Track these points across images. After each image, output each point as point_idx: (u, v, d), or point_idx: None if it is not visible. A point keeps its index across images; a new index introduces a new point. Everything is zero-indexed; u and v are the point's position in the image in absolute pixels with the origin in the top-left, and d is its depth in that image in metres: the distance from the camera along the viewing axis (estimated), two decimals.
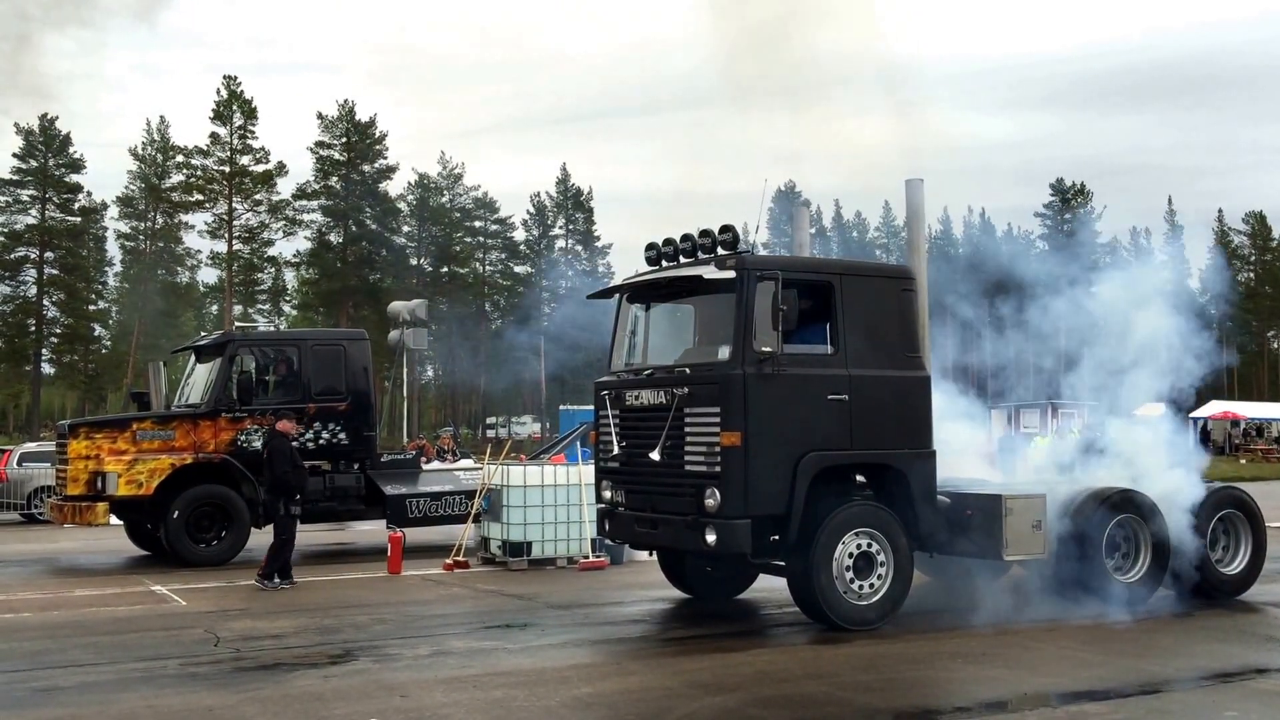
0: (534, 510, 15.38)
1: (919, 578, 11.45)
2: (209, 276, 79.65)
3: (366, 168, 77.64)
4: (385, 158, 78.15)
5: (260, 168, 73.35)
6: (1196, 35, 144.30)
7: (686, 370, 10.72)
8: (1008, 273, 15.87)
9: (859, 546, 10.43)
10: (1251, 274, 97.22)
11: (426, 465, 18.90)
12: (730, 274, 10.34)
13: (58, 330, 74.57)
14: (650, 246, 11.69)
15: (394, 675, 8.75)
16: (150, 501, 16.17)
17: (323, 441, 17.11)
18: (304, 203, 76.33)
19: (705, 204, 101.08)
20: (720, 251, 10.90)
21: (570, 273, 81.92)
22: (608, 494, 11.69)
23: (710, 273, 10.52)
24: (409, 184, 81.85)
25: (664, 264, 11.54)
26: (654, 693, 8.20)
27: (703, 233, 11.08)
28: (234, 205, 73.20)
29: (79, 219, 74.73)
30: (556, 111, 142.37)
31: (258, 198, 74.11)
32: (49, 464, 21.61)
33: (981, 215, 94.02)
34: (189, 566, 15.72)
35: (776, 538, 10.30)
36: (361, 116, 77.28)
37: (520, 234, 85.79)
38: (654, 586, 13.02)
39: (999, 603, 11.33)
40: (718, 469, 10.10)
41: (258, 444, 16.06)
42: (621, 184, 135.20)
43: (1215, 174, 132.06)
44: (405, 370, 30.82)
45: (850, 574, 10.39)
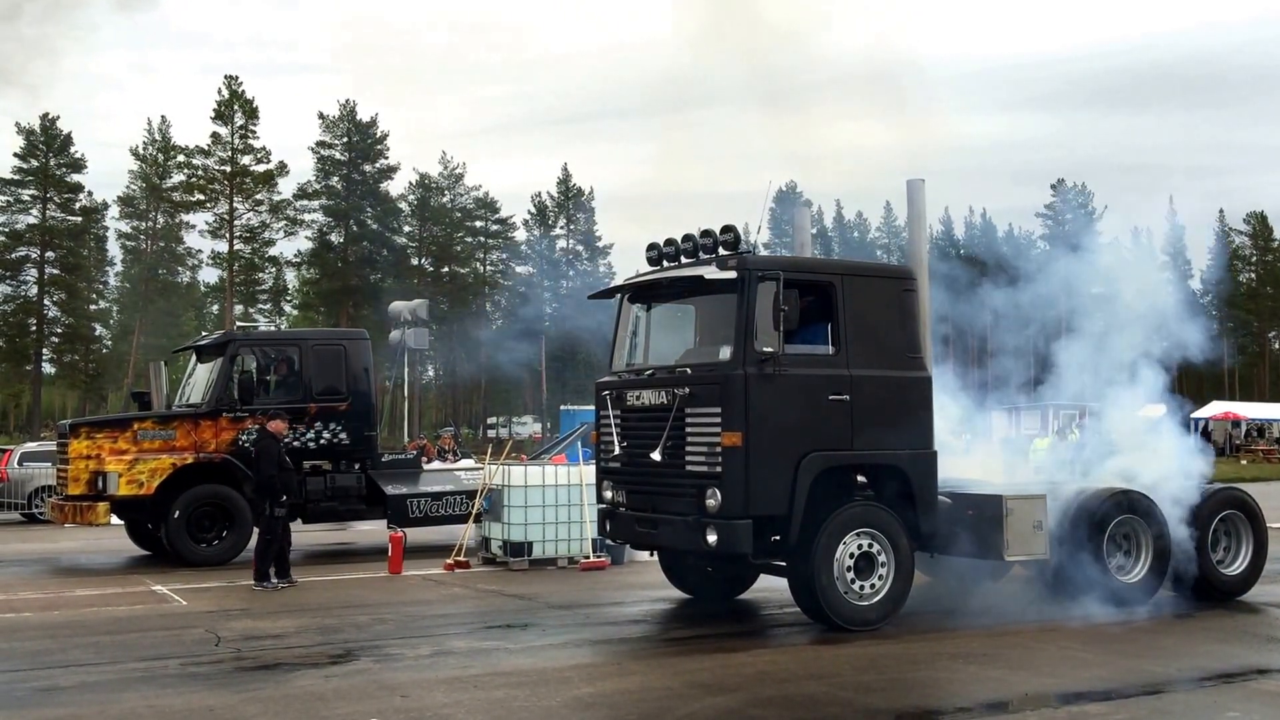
0: (535, 510, 15.38)
1: (920, 578, 11.43)
2: (210, 276, 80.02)
3: (367, 167, 77.75)
4: (386, 157, 78.42)
5: (261, 167, 73.54)
6: (1196, 35, 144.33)
7: (688, 370, 10.71)
8: (1006, 263, 15.85)
9: (860, 547, 10.42)
10: (1253, 274, 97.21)
11: (427, 465, 18.89)
12: (731, 274, 10.33)
13: (58, 330, 74.61)
14: (651, 247, 11.67)
15: (395, 675, 8.74)
16: (151, 501, 16.17)
17: (324, 441, 17.11)
18: (305, 202, 76.60)
19: (706, 204, 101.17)
20: (721, 252, 10.89)
21: (571, 273, 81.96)
22: (609, 494, 11.68)
23: (711, 273, 10.50)
24: (410, 184, 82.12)
25: (665, 264, 11.52)
26: (655, 693, 8.19)
27: (704, 233, 11.07)
28: (235, 205, 73.32)
29: (80, 219, 74.85)
30: (557, 112, 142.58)
31: (259, 197, 74.24)
32: (50, 464, 21.58)
33: (983, 215, 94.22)
34: (190, 566, 15.72)
35: (777, 538, 10.30)
36: (363, 116, 77.60)
37: (521, 234, 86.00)
38: (655, 587, 13.02)
39: (1000, 603, 11.33)
40: (719, 469, 10.09)
41: None
42: (622, 184, 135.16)
43: (1215, 174, 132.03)
44: (406, 370, 30.77)
45: (851, 574, 10.38)
